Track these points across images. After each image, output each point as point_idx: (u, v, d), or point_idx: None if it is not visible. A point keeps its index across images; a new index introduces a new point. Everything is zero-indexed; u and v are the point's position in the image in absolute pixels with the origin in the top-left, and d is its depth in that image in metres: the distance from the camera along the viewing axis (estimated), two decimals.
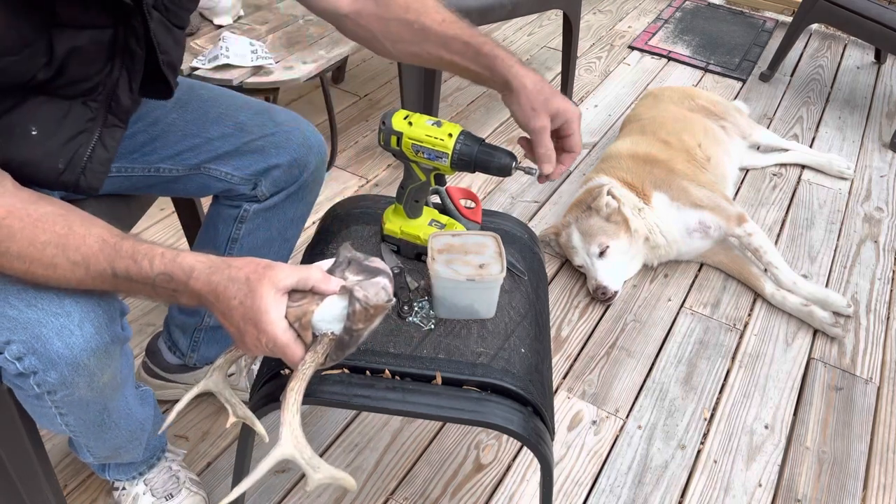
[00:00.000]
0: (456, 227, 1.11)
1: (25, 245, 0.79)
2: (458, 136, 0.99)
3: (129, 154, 1.14)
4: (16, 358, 0.84)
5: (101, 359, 0.88)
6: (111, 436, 1.05)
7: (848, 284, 2.02)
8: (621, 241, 1.88)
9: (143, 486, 1.25)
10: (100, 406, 0.97)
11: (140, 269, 0.80)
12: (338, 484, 0.82)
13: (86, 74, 0.90)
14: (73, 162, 0.93)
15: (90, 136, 0.95)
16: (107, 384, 0.93)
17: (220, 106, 1.19)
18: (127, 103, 0.97)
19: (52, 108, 0.90)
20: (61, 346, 0.84)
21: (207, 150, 1.17)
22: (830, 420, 1.63)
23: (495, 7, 2.18)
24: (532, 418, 0.97)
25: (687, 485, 1.47)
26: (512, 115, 1.02)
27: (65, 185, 0.94)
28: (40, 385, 0.86)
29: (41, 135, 0.89)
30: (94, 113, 0.94)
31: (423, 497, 1.40)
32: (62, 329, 0.84)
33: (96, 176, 0.97)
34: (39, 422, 0.99)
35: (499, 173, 1.00)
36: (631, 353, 1.76)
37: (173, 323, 1.39)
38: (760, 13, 3.66)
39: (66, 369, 0.85)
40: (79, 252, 0.80)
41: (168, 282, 0.80)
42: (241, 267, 0.79)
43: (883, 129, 2.78)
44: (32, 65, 0.83)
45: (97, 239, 0.80)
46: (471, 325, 1.03)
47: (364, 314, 0.80)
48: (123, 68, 0.94)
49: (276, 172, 1.19)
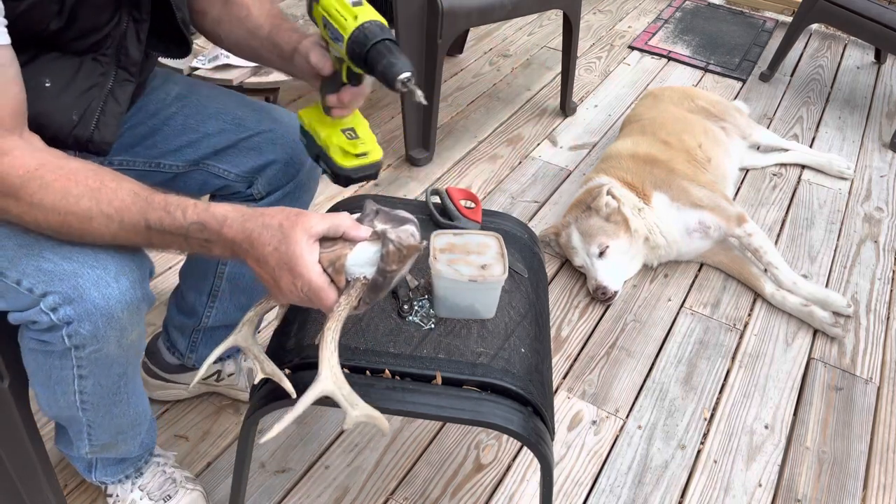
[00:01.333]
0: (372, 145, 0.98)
1: (59, 197, 0.81)
2: (364, 21, 0.85)
3: (131, 147, 1.15)
4: (51, 308, 0.85)
5: (132, 314, 0.90)
6: (119, 412, 1.06)
7: (848, 284, 2.02)
8: (621, 241, 1.88)
9: (139, 492, 1.25)
10: (121, 369, 0.98)
11: (174, 220, 0.82)
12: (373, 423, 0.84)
13: (95, 24, 0.93)
14: (87, 115, 0.95)
15: (101, 90, 0.97)
16: (133, 344, 0.95)
17: (219, 102, 1.20)
18: (136, 55, 1.00)
19: (65, 64, 0.93)
20: (98, 297, 0.86)
21: (206, 145, 1.17)
22: (830, 420, 1.63)
23: (495, 7, 2.18)
24: (532, 418, 0.97)
25: (687, 485, 1.47)
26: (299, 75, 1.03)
27: (77, 140, 0.96)
28: (72, 337, 0.87)
29: (54, 87, 0.92)
30: (104, 67, 0.97)
31: (423, 497, 1.40)
32: (99, 280, 0.86)
33: (109, 129, 0.99)
34: (49, 395, 0.99)
35: (382, 79, 0.84)
36: (631, 353, 1.76)
37: (172, 324, 1.39)
38: (760, 13, 3.66)
39: (101, 320, 0.87)
40: (112, 205, 0.82)
41: (201, 231, 0.82)
42: (273, 215, 0.81)
43: (883, 129, 2.78)
44: (46, 11, 0.86)
45: (129, 192, 0.82)
46: (471, 325, 1.03)
47: (398, 255, 0.82)
48: (130, 19, 0.97)
49: (272, 170, 1.20)
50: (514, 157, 2.43)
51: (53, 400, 1.00)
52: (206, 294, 1.30)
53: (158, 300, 1.74)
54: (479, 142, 2.49)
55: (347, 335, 0.99)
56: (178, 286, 1.36)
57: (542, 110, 2.70)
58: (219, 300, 1.31)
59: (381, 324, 1.01)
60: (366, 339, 0.99)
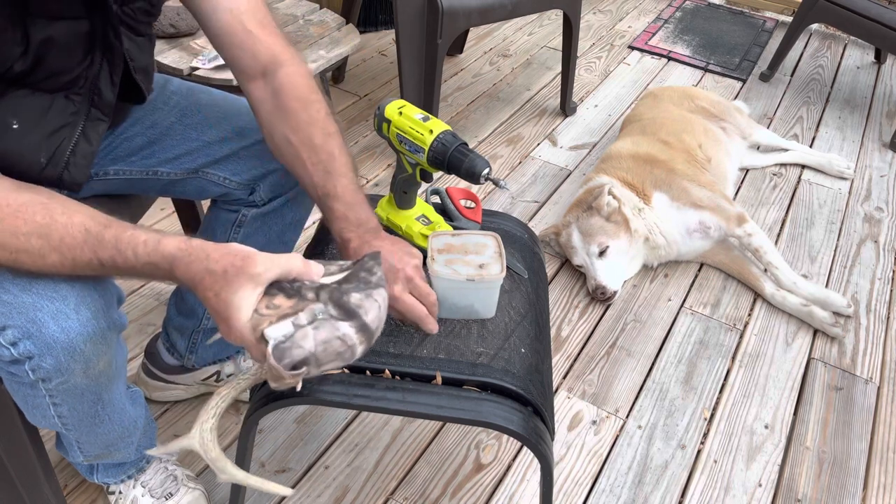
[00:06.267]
0: (443, 226, 1.12)
1: (8, 236, 0.78)
2: (438, 133, 1.00)
3: (128, 157, 1.14)
4: (10, 343, 0.82)
5: (97, 344, 0.87)
6: (104, 430, 1.04)
7: (848, 284, 2.02)
8: (621, 240, 1.88)
9: (141, 489, 1.25)
10: (94, 396, 0.96)
11: (125, 259, 0.80)
12: (254, 488, 0.82)
13: (65, 66, 0.90)
14: (56, 156, 0.93)
15: (73, 130, 0.94)
16: (102, 372, 0.92)
17: (219, 111, 1.18)
18: (109, 97, 0.97)
19: (35, 102, 0.90)
20: (57, 331, 0.83)
21: (206, 154, 1.16)
22: (830, 420, 1.63)
23: (495, 7, 2.18)
24: (532, 418, 0.97)
25: (687, 485, 1.47)
26: None
27: (48, 180, 0.93)
28: (35, 371, 0.85)
29: (22, 128, 0.89)
30: (76, 106, 0.94)
31: (423, 497, 1.40)
32: (58, 313, 0.83)
33: (80, 170, 0.96)
34: (30, 415, 0.97)
35: (468, 177, 0.99)
36: (631, 353, 1.76)
37: (171, 325, 1.39)
38: (760, 13, 3.66)
39: (62, 354, 0.84)
40: (63, 242, 0.79)
41: (154, 270, 0.80)
42: (218, 259, 0.78)
43: (883, 129, 2.78)
44: (9, 54, 0.83)
45: (80, 229, 0.79)
46: (471, 325, 1.03)
47: (270, 373, 0.78)
48: (104, 61, 0.94)
49: (274, 177, 1.19)
50: (514, 157, 2.43)
51: (37, 420, 0.98)
52: None
53: (158, 301, 1.74)
54: (479, 142, 2.49)
55: None
56: (177, 287, 1.36)
57: (542, 110, 2.70)
58: None
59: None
60: None
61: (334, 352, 0.78)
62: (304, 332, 0.77)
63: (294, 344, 0.76)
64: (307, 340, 0.77)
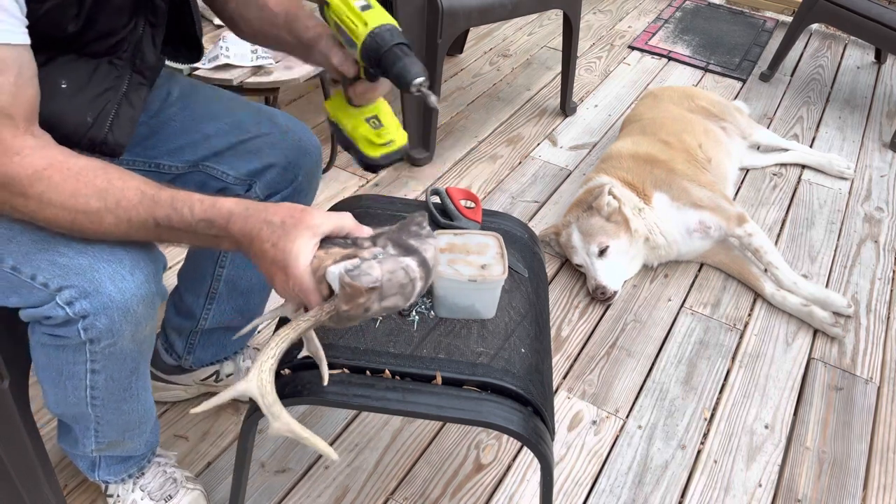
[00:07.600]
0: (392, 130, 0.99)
1: (68, 197, 0.81)
2: (374, 27, 0.87)
3: (131, 147, 1.15)
4: (66, 303, 0.86)
5: (147, 307, 0.91)
6: (128, 408, 1.06)
7: (848, 284, 2.02)
8: (621, 240, 1.88)
9: (140, 493, 1.25)
10: (133, 364, 0.98)
11: (181, 217, 0.82)
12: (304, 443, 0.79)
13: (112, 28, 0.95)
14: (101, 117, 0.96)
15: (116, 93, 0.99)
16: (146, 338, 0.95)
17: (220, 103, 1.20)
18: (151, 59, 1.01)
19: (81, 66, 0.94)
20: (114, 291, 0.86)
21: (205, 146, 1.17)
22: (830, 420, 1.63)
23: (495, 7, 2.18)
24: (532, 418, 0.97)
25: (687, 485, 1.47)
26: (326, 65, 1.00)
27: (91, 141, 0.96)
28: (87, 330, 0.88)
29: (70, 89, 0.93)
30: (119, 71, 0.99)
31: (423, 497, 1.40)
32: (115, 274, 0.86)
33: (123, 132, 1.00)
34: (58, 391, 0.98)
35: (397, 83, 0.88)
36: (631, 353, 1.76)
37: (169, 325, 1.39)
38: (760, 13, 3.66)
39: (117, 314, 0.88)
40: (120, 205, 0.82)
41: (209, 227, 0.82)
42: (277, 211, 0.81)
43: (883, 129, 2.78)
44: (65, 13, 0.87)
45: (136, 191, 0.83)
46: (471, 325, 1.03)
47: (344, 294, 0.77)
48: (147, 24, 0.99)
49: (271, 174, 1.20)
50: (514, 156, 2.43)
51: (63, 396, 1.00)
52: (204, 296, 1.30)
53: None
54: (480, 142, 2.49)
55: (348, 335, 0.99)
56: (175, 288, 1.36)
57: (542, 110, 2.70)
58: (216, 302, 1.31)
59: (381, 324, 1.01)
60: (366, 339, 0.99)
61: (398, 283, 0.78)
62: (370, 264, 0.78)
63: (362, 272, 0.77)
64: (374, 269, 0.78)
